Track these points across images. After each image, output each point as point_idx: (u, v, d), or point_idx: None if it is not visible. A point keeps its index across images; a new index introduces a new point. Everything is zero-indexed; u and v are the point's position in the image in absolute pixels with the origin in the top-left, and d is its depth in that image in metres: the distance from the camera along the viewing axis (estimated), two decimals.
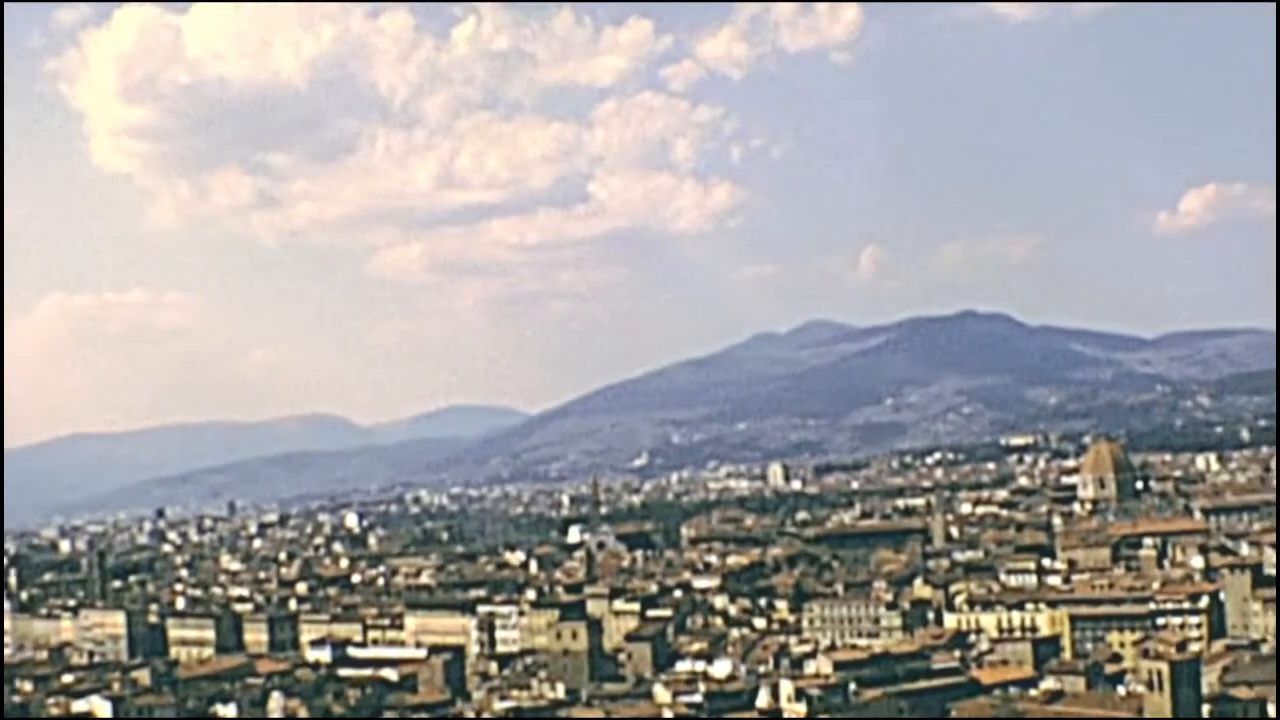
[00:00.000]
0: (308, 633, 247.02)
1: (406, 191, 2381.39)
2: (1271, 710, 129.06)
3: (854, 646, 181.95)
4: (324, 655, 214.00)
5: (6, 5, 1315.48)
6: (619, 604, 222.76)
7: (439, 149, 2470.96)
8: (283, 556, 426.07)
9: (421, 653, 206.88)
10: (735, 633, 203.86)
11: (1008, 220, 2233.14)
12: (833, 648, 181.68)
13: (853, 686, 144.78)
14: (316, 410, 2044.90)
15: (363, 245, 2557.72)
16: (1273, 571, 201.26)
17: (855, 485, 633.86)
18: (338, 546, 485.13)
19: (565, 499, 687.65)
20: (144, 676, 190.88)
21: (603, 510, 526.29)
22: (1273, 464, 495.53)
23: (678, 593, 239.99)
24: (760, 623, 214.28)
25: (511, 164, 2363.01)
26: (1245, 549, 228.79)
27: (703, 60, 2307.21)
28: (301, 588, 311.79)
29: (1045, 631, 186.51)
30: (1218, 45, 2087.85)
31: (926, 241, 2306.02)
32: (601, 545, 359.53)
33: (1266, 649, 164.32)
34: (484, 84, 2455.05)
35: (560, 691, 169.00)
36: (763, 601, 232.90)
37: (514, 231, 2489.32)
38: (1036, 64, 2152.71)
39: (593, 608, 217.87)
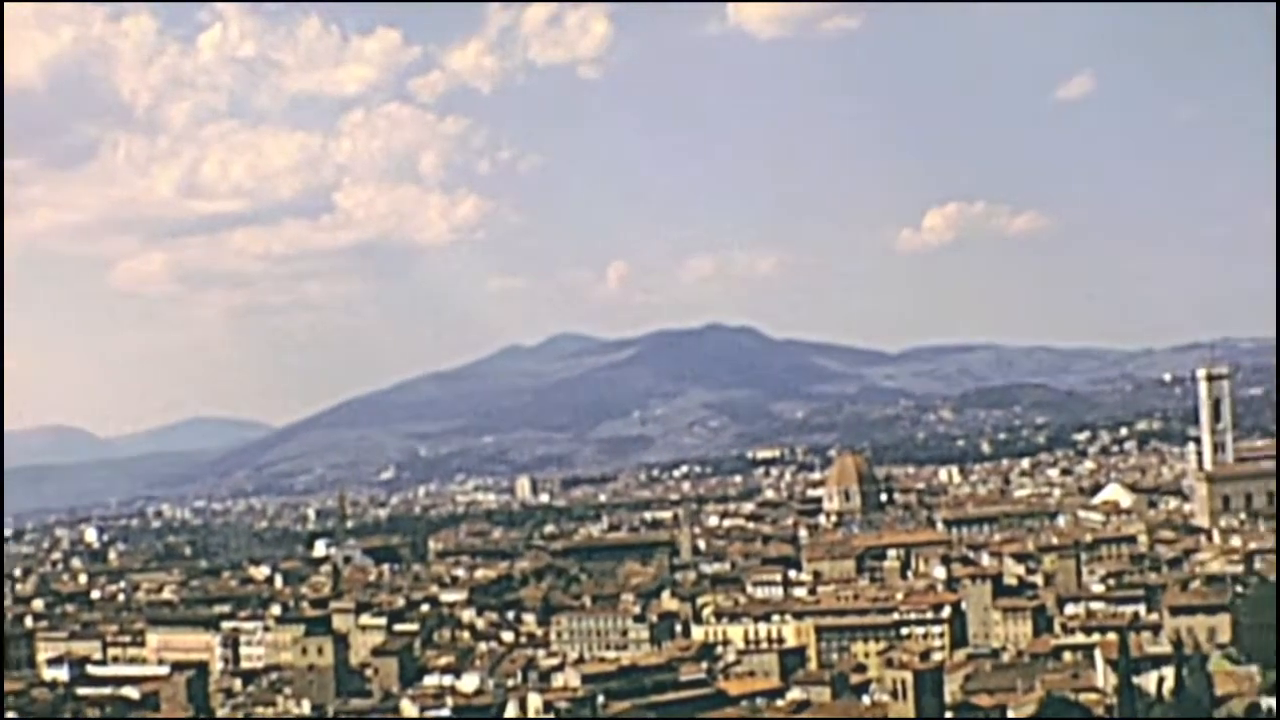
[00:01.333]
0: (45, 651, 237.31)
1: (148, 200, 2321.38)
2: (1011, 713, 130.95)
3: (602, 659, 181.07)
4: (62, 674, 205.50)
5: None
6: (365, 618, 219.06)
7: (182, 157, 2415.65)
8: (18, 572, 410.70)
9: (164, 670, 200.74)
10: (483, 646, 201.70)
11: (753, 234, 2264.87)
12: (580, 660, 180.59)
13: (601, 699, 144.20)
14: (55, 422, 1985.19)
15: (103, 254, 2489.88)
16: (1013, 581, 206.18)
17: (602, 498, 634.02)
18: (76, 562, 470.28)
19: (311, 513, 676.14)
20: None
21: (349, 524, 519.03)
22: (1012, 476, 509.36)
23: (425, 606, 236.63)
24: (508, 636, 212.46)
25: (256, 173, 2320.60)
26: (986, 559, 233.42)
27: (451, 72, 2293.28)
28: (38, 604, 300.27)
29: (791, 642, 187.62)
30: (960, 65, 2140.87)
31: (673, 255, 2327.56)
32: (348, 559, 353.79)
33: (1007, 657, 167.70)
34: (230, 91, 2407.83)
35: (306, 708, 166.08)
36: (510, 615, 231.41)
37: (258, 242, 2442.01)
38: (783, 81, 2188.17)
39: (339, 622, 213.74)
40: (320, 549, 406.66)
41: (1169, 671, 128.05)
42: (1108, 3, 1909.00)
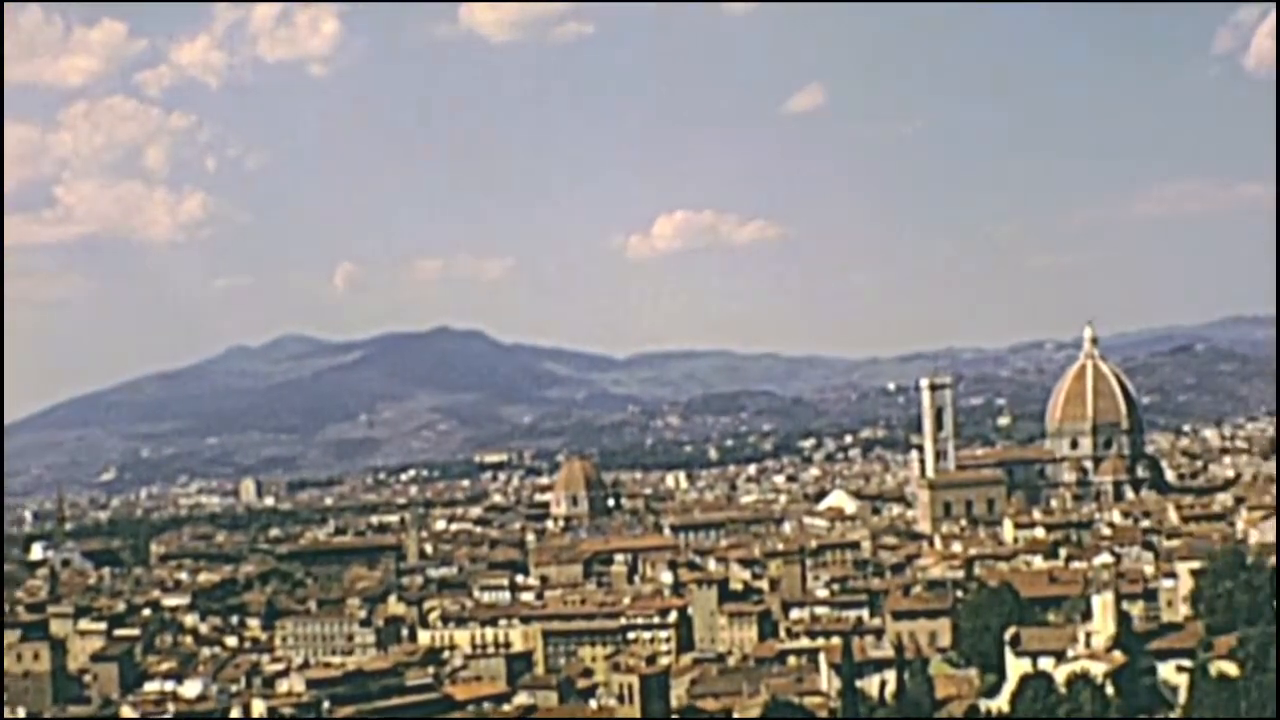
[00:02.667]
0: None
1: None
2: (736, 716, 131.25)
3: (327, 664, 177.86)
4: None
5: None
6: (84, 623, 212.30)
7: None
8: None
9: None
10: (206, 651, 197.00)
11: (483, 238, 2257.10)
12: (305, 665, 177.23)
13: (326, 704, 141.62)
14: None
15: None
16: (738, 586, 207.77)
17: (329, 502, 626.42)
18: None
19: (28, 515, 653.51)
20: None
21: (67, 526, 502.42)
22: (738, 482, 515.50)
23: (146, 611, 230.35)
24: (232, 641, 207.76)
25: None
26: (712, 565, 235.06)
27: (178, 66, 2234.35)
28: None
29: (518, 647, 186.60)
30: (691, 73, 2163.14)
31: (402, 257, 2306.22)
32: (66, 563, 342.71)
33: (732, 661, 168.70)
34: None
35: (22, 714, 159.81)
36: (234, 619, 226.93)
37: None
38: (516, 85, 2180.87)
39: (56, 628, 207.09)
40: (37, 552, 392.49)
41: (891, 675, 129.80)
42: (839, 15, 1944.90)
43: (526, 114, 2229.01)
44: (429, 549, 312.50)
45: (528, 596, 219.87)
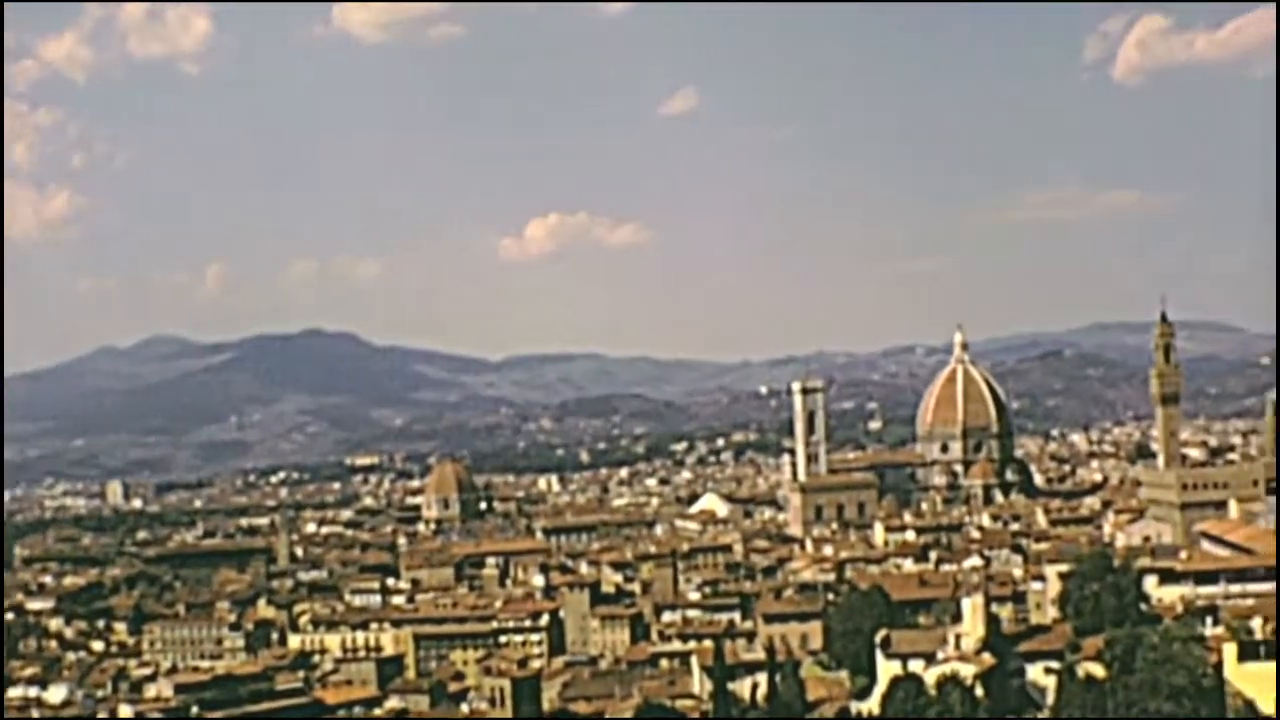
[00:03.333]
0: None
1: None
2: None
3: (196, 669, 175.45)
4: None
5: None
6: None
7: None
8: None
9: None
10: (71, 656, 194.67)
11: (355, 239, 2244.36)
12: (174, 670, 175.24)
13: (195, 709, 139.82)
14: None
15: None
16: (610, 589, 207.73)
17: (198, 504, 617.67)
18: None
19: None
20: None
21: None
22: (610, 485, 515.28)
23: (10, 615, 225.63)
24: (98, 645, 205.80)
25: None
26: (584, 568, 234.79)
27: (45, 61, 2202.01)
28: None
29: (389, 651, 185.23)
30: (564, 76, 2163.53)
31: (274, 258, 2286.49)
32: None
33: (604, 664, 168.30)
34: None
35: None
36: (101, 623, 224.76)
37: None
38: (388, 86, 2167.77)
39: None
40: None
41: (762, 678, 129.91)
42: (714, 18, 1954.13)
43: (399, 115, 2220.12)
44: (299, 552, 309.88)
45: (399, 600, 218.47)
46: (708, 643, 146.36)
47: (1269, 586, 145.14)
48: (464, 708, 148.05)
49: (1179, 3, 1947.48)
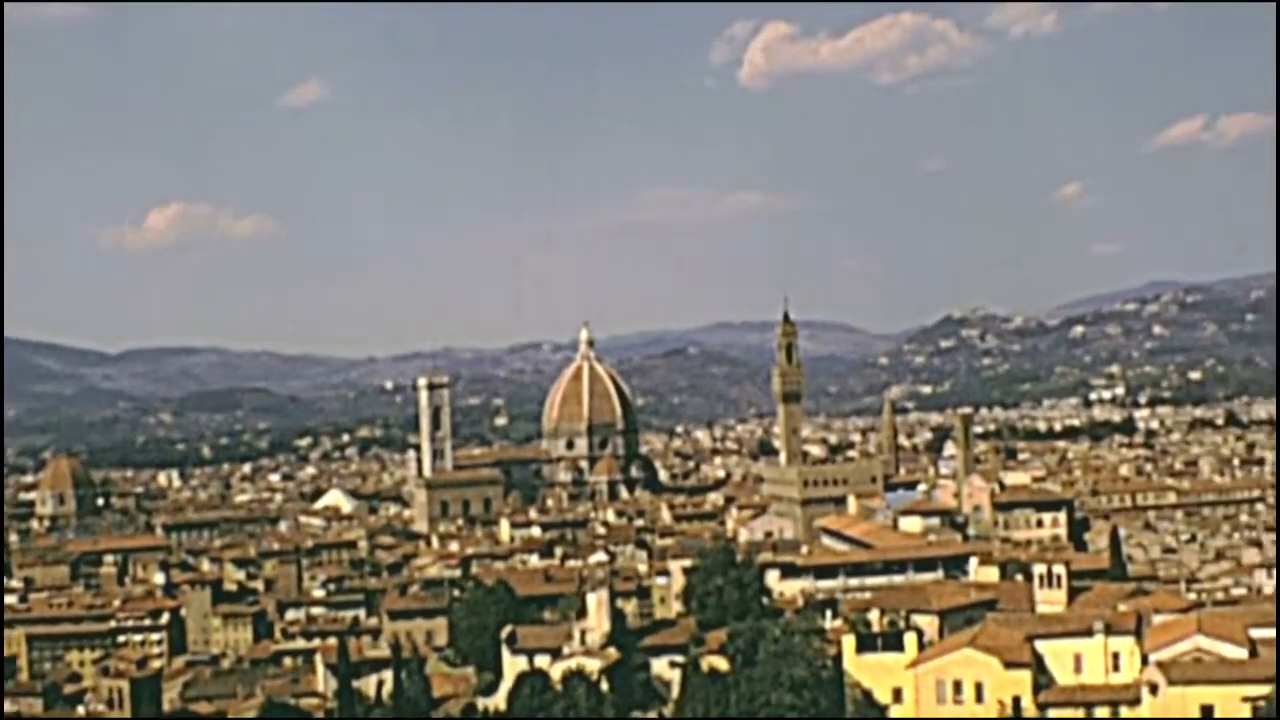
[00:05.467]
0: None
1: None
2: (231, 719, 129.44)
3: None
4: None
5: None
6: None
7: None
8: None
9: None
10: None
11: None
12: None
13: None
14: None
15: None
16: (233, 587, 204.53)
17: None
18: None
19: None
20: None
21: None
22: (233, 481, 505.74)
23: None
24: None
25: None
26: (206, 565, 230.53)
27: None
28: None
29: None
30: (189, 65, 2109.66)
31: None
32: None
33: (227, 663, 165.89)
34: None
35: None
36: None
37: None
38: (10, 71, 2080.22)
39: None
40: None
41: (388, 675, 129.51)
42: (340, 10, 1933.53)
43: (21, 100, 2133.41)
44: None
45: (11, 600, 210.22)
46: (332, 640, 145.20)
47: (887, 580, 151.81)
48: (80, 710, 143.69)
49: (807, 3, 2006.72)
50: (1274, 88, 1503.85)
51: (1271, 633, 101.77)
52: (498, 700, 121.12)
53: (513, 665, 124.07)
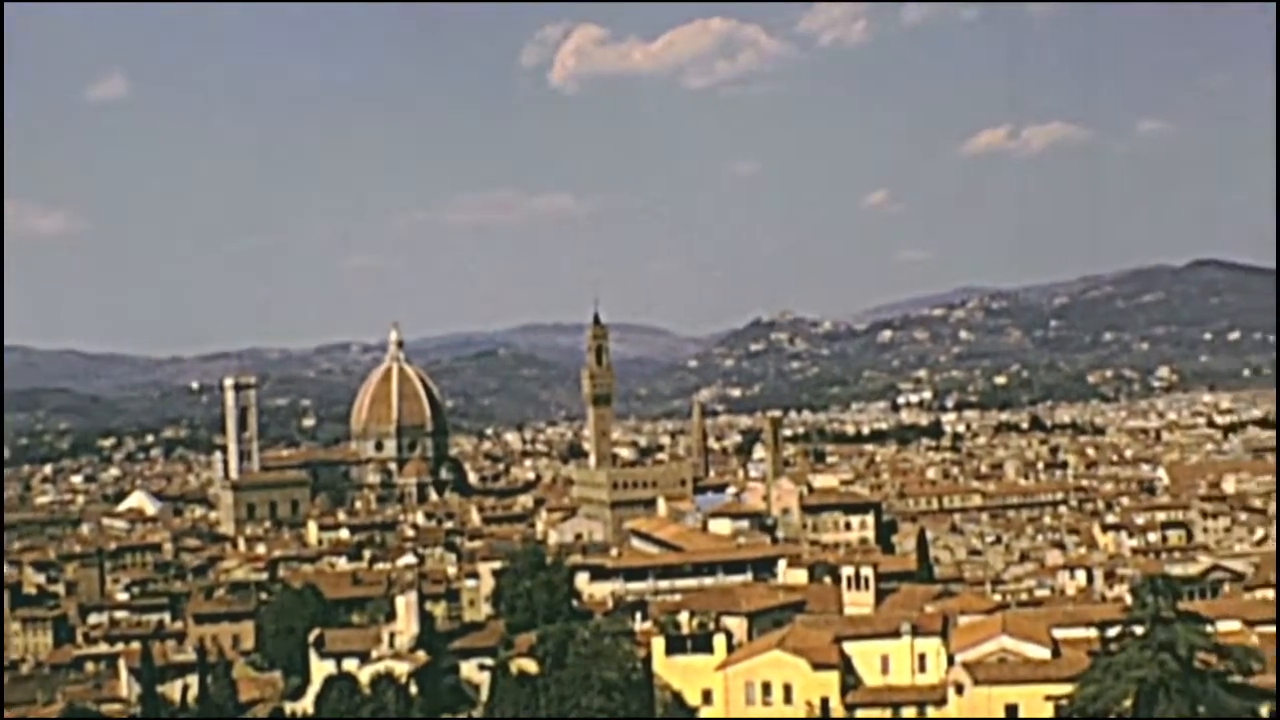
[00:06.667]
0: None
1: None
2: None
3: None
4: None
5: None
6: None
7: None
8: None
9: None
10: None
11: None
12: None
13: None
14: None
15: None
16: (33, 590, 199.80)
17: None
18: None
19: None
20: None
21: None
22: (33, 482, 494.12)
23: None
24: None
25: None
26: (5, 568, 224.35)
27: None
28: None
29: None
30: None
31: None
32: None
33: (26, 668, 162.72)
34: None
35: None
36: None
37: None
38: None
39: None
40: None
41: (194, 679, 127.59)
42: (139, 8, 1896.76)
43: None
44: None
45: None
46: (136, 644, 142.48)
47: (695, 582, 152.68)
48: None
49: (619, 4, 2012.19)
50: (1088, 98, 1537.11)
51: (1073, 633, 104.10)
52: (305, 704, 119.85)
53: (320, 669, 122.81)
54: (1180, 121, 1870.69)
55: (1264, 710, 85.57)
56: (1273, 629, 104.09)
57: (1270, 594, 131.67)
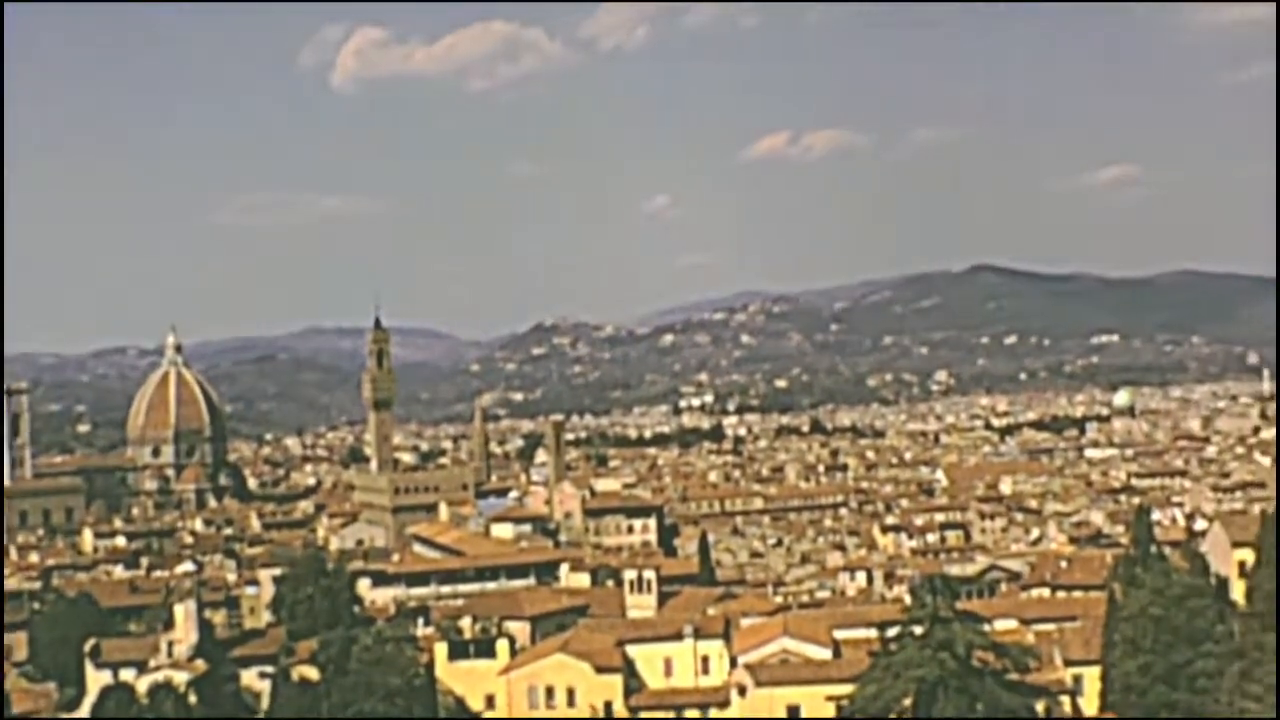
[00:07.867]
0: None
1: None
2: None
3: None
4: None
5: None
6: None
7: None
8: None
9: None
10: None
11: None
12: None
13: None
14: None
15: None
16: None
17: None
18: None
19: None
20: None
21: None
22: None
23: None
24: None
25: None
26: None
27: None
28: None
29: None
30: None
31: None
32: None
33: None
34: None
35: None
36: None
37: None
38: None
39: None
40: None
41: None
42: None
43: None
44: None
45: None
46: None
47: (478, 586, 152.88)
48: None
49: (400, 4, 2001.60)
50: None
51: (853, 633, 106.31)
52: (81, 716, 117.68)
53: (96, 680, 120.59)
54: (958, 128, 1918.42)
55: (1039, 706, 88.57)
56: (1047, 627, 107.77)
57: (1045, 593, 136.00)
